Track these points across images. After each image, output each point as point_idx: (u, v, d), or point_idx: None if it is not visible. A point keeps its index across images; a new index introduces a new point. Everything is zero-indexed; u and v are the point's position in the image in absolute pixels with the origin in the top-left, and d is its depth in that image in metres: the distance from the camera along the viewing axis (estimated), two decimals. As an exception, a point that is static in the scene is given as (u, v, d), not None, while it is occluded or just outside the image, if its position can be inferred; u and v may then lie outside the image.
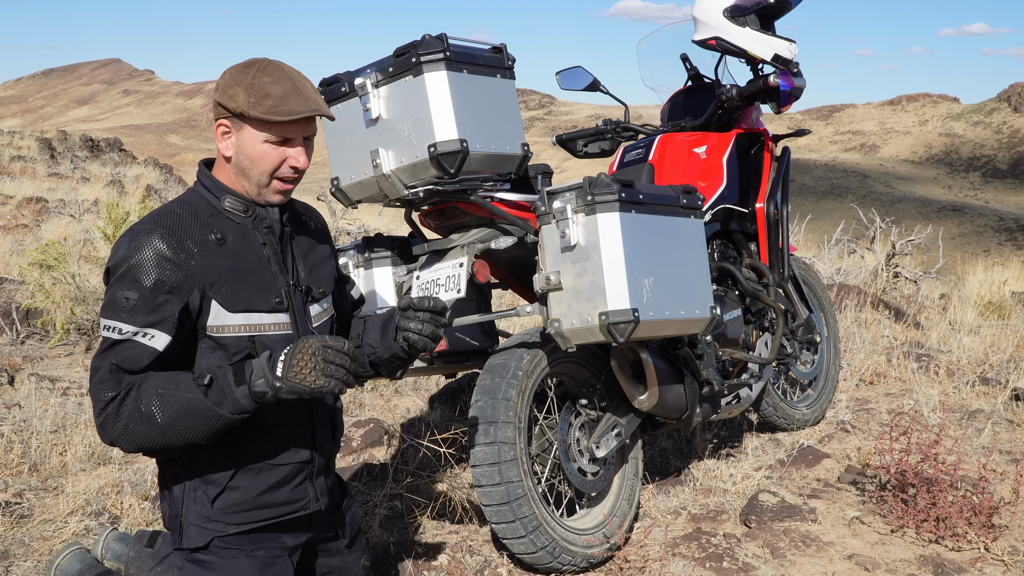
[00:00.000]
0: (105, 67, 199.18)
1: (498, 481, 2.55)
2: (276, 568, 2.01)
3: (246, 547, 1.97)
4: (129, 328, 1.81)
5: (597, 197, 2.46)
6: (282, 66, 1.92)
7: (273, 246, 2.00)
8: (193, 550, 1.95)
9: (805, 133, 3.89)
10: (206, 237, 1.90)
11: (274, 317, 1.96)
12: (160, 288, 1.82)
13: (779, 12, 3.50)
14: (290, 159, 1.94)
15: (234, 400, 1.79)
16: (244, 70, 1.91)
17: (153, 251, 1.83)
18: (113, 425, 1.80)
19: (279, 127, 1.90)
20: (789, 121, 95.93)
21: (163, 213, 1.91)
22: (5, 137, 21.47)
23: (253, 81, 1.88)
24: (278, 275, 1.99)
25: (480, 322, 2.99)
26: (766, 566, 2.76)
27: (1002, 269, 9.12)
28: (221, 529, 1.95)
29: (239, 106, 1.88)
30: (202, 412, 1.79)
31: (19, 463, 3.33)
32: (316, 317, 2.08)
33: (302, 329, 2.02)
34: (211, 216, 1.94)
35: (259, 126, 1.90)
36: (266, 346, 1.94)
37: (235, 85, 1.89)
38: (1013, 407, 4.15)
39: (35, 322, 5.34)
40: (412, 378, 4.35)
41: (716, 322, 2.77)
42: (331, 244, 2.24)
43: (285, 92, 1.87)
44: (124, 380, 1.81)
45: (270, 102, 1.86)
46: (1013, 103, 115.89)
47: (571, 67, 3.89)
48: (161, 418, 1.78)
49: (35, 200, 11.52)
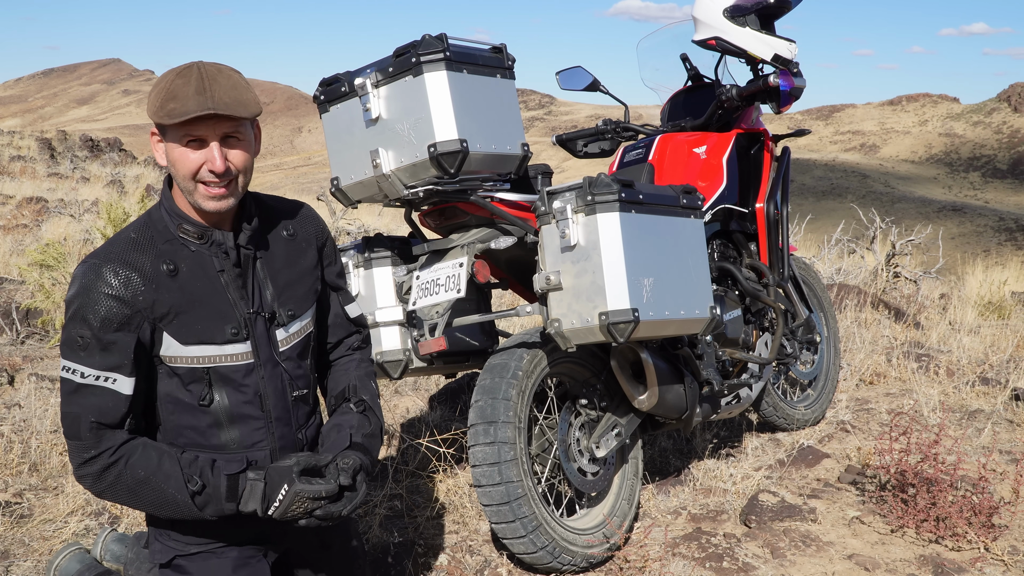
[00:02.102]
0: (105, 67, 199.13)
1: (498, 481, 2.55)
2: (250, 569, 2.00)
3: (217, 551, 1.98)
4: (90, 371, 1.80)
5: (597, 197, 2.46)
6: (204, 68, 1.82)
7: (230, 272, 1.93)
8: (162, 565, 1.99)
9: (805, 133, 3.89)
10: (158, 268, 1.85)
11: (231, 348, 1.91)
12: (108, 326, 1.79)
13: (779, 12, 3.50)
14: (207, 162, 1.83)
15: (219, 510, 1.85)
16: (168, 74, 1.83)
17: (101, 287, 1.80)
18: (92, 484, 1.83)
19: (180, 128, 1.81)
20: (789, 121, 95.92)
21: (119, 241, 1.87)
22: (5, 137, 21.48)
23: (166, 85, 1.80)
24: (237, 302, 1.92)
25: (480, 322, 2.99)
26: (766, 566, 2.76)
27: (1002, 269, 9.13)
28: (182, 549, 1.97)
29: (150, 113, 1.83)
30: (184, 510, 1.84)
31: (19, 463, 3.33)
32: (284, 341, 2.00)
33: (263, 357, 1.95)
34: (166, 243, 1.89)
35: (169, 131, 1.83)
36: (223, 376, 1.91)
37: (152, 90, 1.83)
38: (1013, 407, 4.15)
39: (35, 322, 5.34)
40: (412, 378, 4.35)
41: (716, 322, 2.77)
42: (320, 251, 2.13)
43: (187, 93, 1.77)
44: (105, 440, 1.81)
45: (171, 104, 1.78)
46: (1013, 103, 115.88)
47: (571, 67, 3.89)
48: (143, 500, 1.83)
49: (35, 200, 11.53)
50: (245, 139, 1.88)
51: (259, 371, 1.95)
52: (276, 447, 1.98)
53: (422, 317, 2.89)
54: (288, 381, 2.01)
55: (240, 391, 1.93)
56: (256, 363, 1.94)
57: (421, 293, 2.82)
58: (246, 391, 1.93)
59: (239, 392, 1.93)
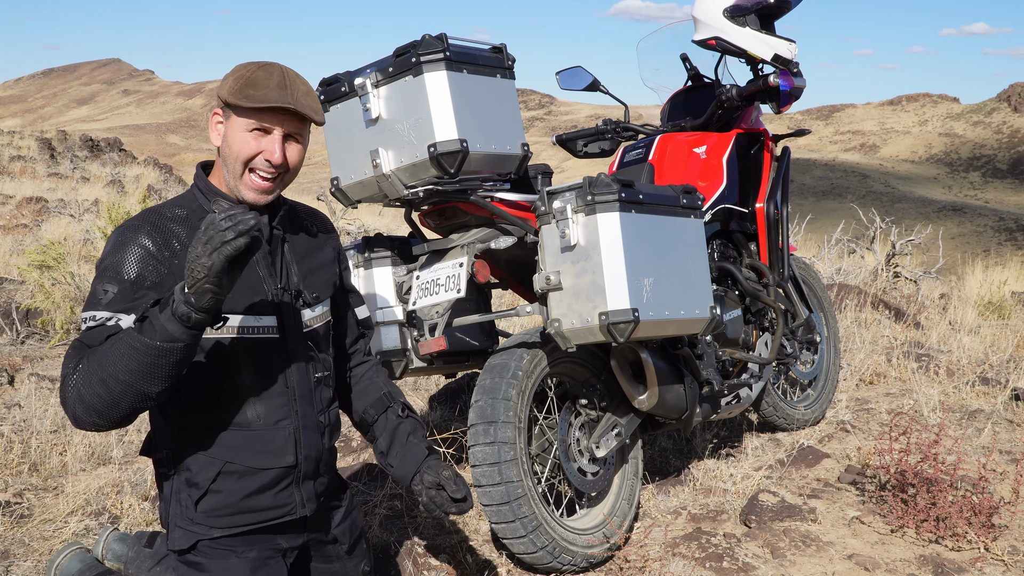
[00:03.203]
0: (105, 67, 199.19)
1: (498, 481, 2.55)
2: (268, 569, 1.99)
3: (237, 548, 1.97)
4: (103, 314, 1.81)
5: (597, 197, 2.46)
6: (286, 69, 1.92)
7: (261, 250, 1.97)
8: (181, 552, 1.96)
9: (805, 133, 3.89)
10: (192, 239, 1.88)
11: (257, 320, 1.95)
12: (140, 283, 1.82)
13: (779, 12, 3.50)
14: (266, 152, 1.90)
15: (161, 328, 1.68)
16: (249, 64, 1.92)
17: (138, 247, 1.84)
18: (68, 393, 1.76)
19: (254, 114, 1.88)
20: (789, 121, 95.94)
21: (153, 212, 1.92)
22: (5, 137, 21.48)
23: (247, 73, 1.89)
24: (266, 278, 1.98)
25: (480, 322, 2.99)
26: (766, 566, 2.76)
27: (1002, 269, 9.13)
28: (204, 532, 1.94)
29: (224, 93, 1.89)
30: (136, 349, 1.69)
31: (19, 463, 3.33)
32: (309, 321, 2.06)
33: (289, 332, 2.00)
34: (200, 219, 1.92)
35: (240, 113, 1.90)
36: (249, 348, 1.93)
37: (231, 75, 1.91)
38: (1013, 407, 4.15)
39: (35, 322, 5.34)
40: (412, 378, 4.35)
41: (716, 322, 2.77)
42: (336, 252, 2.21)
43: (269, 84, 1.87)
44: (83, 352, 1.79)
45: (250, 90, 1.86)
46: (1013, 103, 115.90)
47: (571, 67, 3.89)
48: (103, 369, 1.72)
49: (35, 200, 11.52)
50: (303, 142, 1.98)
51: (285, 346, 1.99)
52: (300, 425, 2.00)
53: (422, 317, 2.89)
54: (311, 361, 2.05)
55: (265, 365, 1.96)
56: (282, 338, 1.98)
57: (421, 293, 2.82)
58: (271, 365, 1.97)
59: (264, 365, 1.96)
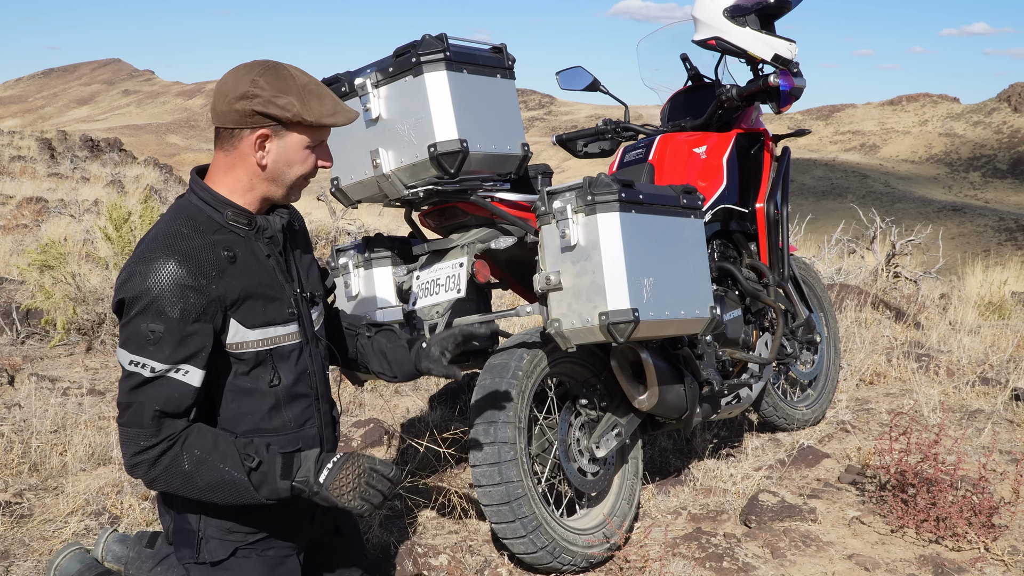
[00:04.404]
0: (105, 67, 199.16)
1: (498, 481, 2.55)
2: (286, 568, 2.03)
3: (258, 547, 1.99)
4: (161, 366, 1.79)
5: (597, 197, 2.46)
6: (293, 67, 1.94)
7: (276, 256, 1.99)
8: (217, 563, 1.97)
9: (805, 133, 3.89)
10: (219, 256, 1.86)
11: (287, 328, 1.97)
12: (187, 318, 1.79)
13: (779, 12, 3.50)
14: (321, 160, 1.98)
15: (274, 489, 1.85)
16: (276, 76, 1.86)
17: (173, 280, 1.78)
18: (147, 471, 1.82)
19: (326, 131, 1.95)
20: (789, 121, 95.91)
21: (171, 236, 1.85)
22: (5, 137, 21.47)
23: (301, 85, 1.88)
24: (285, 285, 1.99)
25: (480, 322, 2.99)
26: (766, 566, 2.76)
27: (1002, 269, 9.12)
28: (242, 539, 1.97)
29: (295, 114, 1.86)
30: (240, 490, 1.83)
31: (19, 463, 3.33)
32: (315, 321, 2.09)
33: (308, 335, 2.04)
34: (216, 232, 1.89)
35: (307, 131, 1.91)
36: (281, 357, 1.96)
37: (283, 94, 1.85)
38: (1013, 407, 4.15)
39: (35, 322, 5.34)
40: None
41: (716, 322, 2.77)
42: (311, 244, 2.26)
43: (330, 96, 1.92)
44: (166, 428, 1.80)
45: (323, 108, 1.89)
46: (1013, 103, 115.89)
47: (571, 67, 3.89)
48: (198, 482, 1.82)
49: (35, 200, 11.51)
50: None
51: (307, 349, 2.03)
52: (322, 423, 2.07)
53: (422, 317, 2.89)
54: (325, 359, 2.12)
55: (294, 370, 2.00)
56: (303, 342, 2.02)
57: (421, 293, 2.82)
58: (298, 370, 2.00)
59: (293, 371, 1.99)
